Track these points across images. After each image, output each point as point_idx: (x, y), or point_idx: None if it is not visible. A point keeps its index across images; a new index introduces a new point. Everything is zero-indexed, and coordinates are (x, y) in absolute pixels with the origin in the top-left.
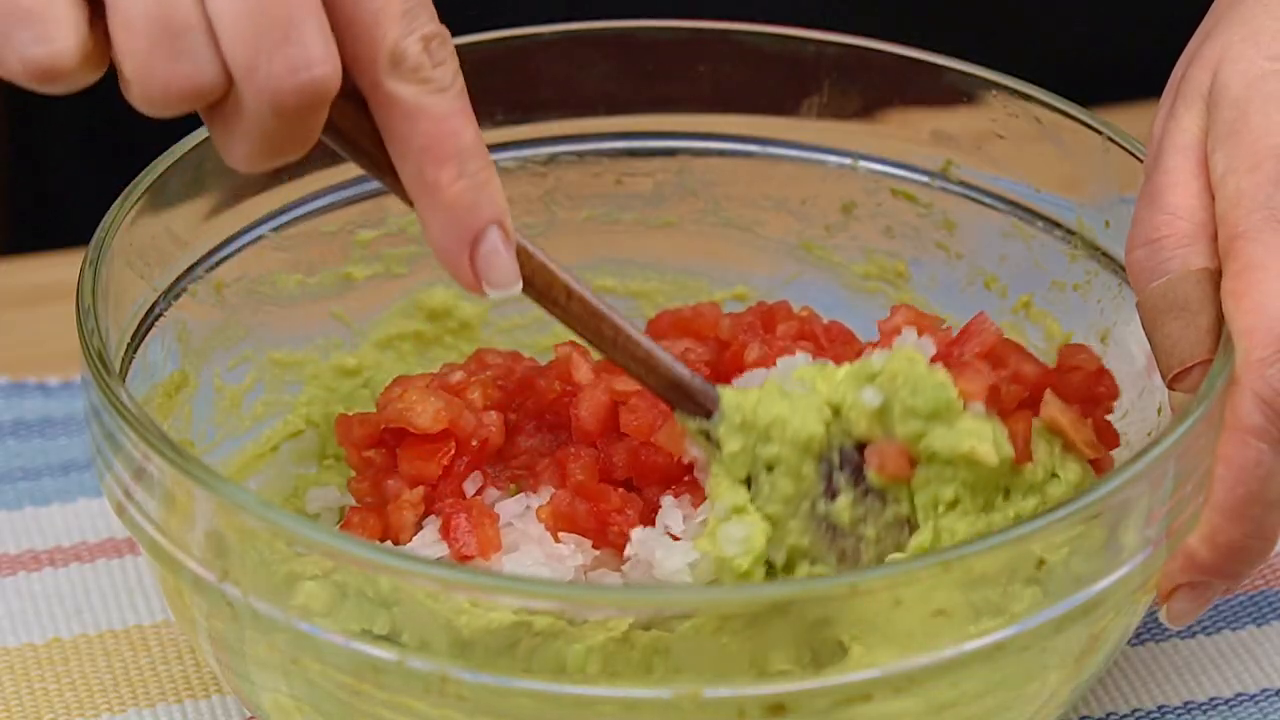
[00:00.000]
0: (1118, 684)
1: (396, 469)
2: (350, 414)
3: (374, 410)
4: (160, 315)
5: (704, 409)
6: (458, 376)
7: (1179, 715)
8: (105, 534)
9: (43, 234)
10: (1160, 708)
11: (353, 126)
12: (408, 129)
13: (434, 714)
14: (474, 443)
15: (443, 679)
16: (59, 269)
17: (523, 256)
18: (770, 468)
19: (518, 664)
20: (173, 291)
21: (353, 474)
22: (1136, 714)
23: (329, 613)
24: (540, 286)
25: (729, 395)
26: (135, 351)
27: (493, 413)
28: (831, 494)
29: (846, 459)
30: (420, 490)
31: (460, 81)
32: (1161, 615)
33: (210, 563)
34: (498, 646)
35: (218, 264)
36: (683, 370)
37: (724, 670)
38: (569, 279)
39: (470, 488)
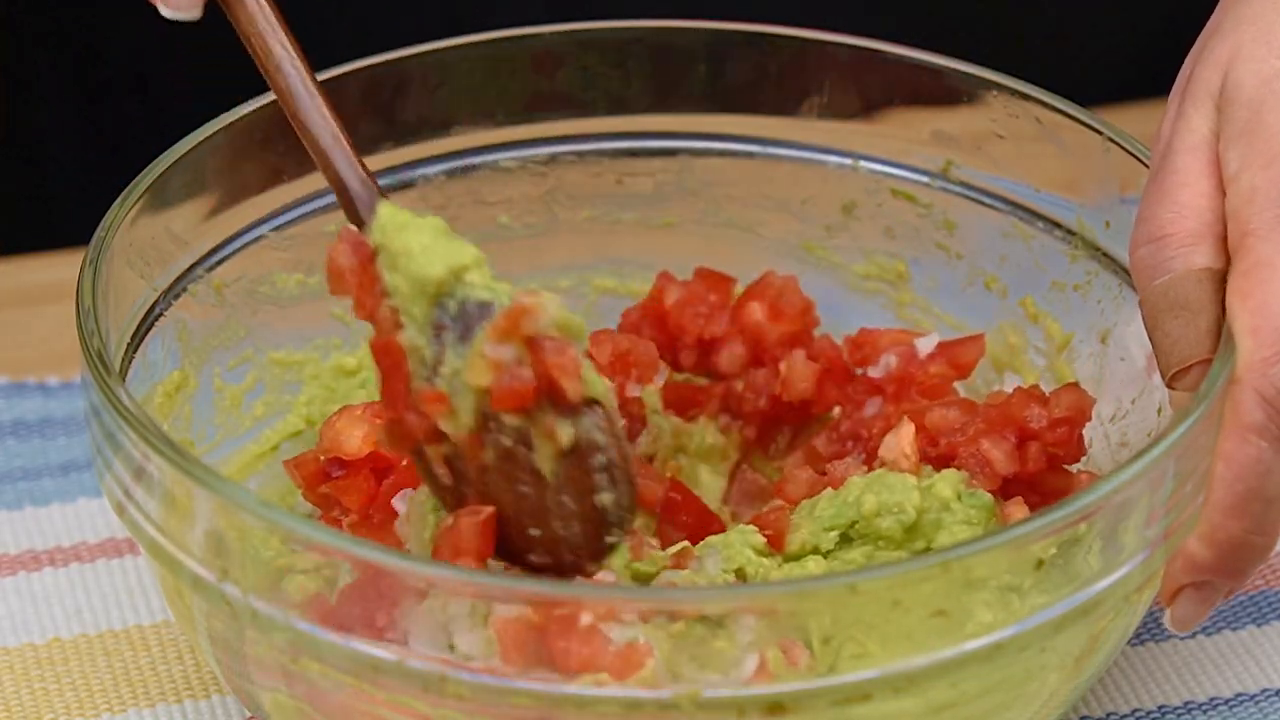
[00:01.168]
0: (1118, 684)
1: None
2: (292, 458)
3: None
4: (160, 315)
5: (357, 217)
6: None
7: (1179, 715)
8: (105, 534)
9: (40, 234)
10: (1160, 708)
11: None
12: None
13: (433, 714)
14: (404, 462)
15: (441, 679)
16: (59, 269)
17: (248, 20)
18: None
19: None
20: (173, 291)
21: None
22: (1136, 714)
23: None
24: (259, 52)
25: (384, 211)
26: (135, 351)
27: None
28: (438, 347)
29: (466, 315)
30: (352, 518)
31: None
32: (1166, 621)
33: (209, 562)
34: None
35: (218, 264)
36: (347, 171)
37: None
38: (287, 51)
39: (400, 505)
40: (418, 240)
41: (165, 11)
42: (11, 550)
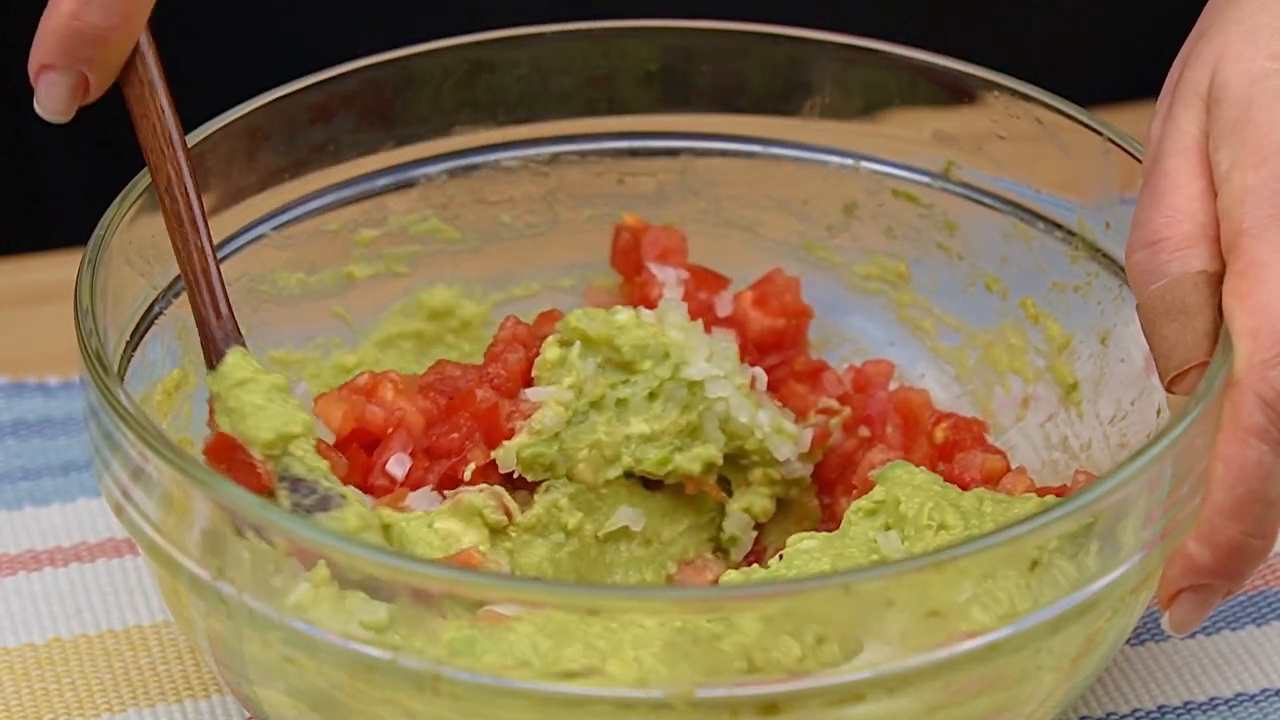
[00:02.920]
0: (1118, 684)
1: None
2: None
3: None
4: (160, 313)
5: (209, 359)
6: (364, 379)
7: (1179, 715)
8: (105, 534)
9: (40, 234)
10: (1160, 708)
11: None
12: None
13: (427, 713)
14: (389, 429)
15: (435, 678)
16: (59, 269)
17: (149, 132)
18: None
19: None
20: (173, 290)
21: None
22: (1136, 714)
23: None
24: (152, 166)
25: (231, 359)
26: (135, 349)
27: (403, 399)
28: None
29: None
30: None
31: None
32: (1164, 624)
33: (206, 561)
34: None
35: (218, 262)
36: (210, 314)
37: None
38: (179, 174)
39: (398, 469)
40: (250, 400)
41: (39, 109)
42: (11, 550)
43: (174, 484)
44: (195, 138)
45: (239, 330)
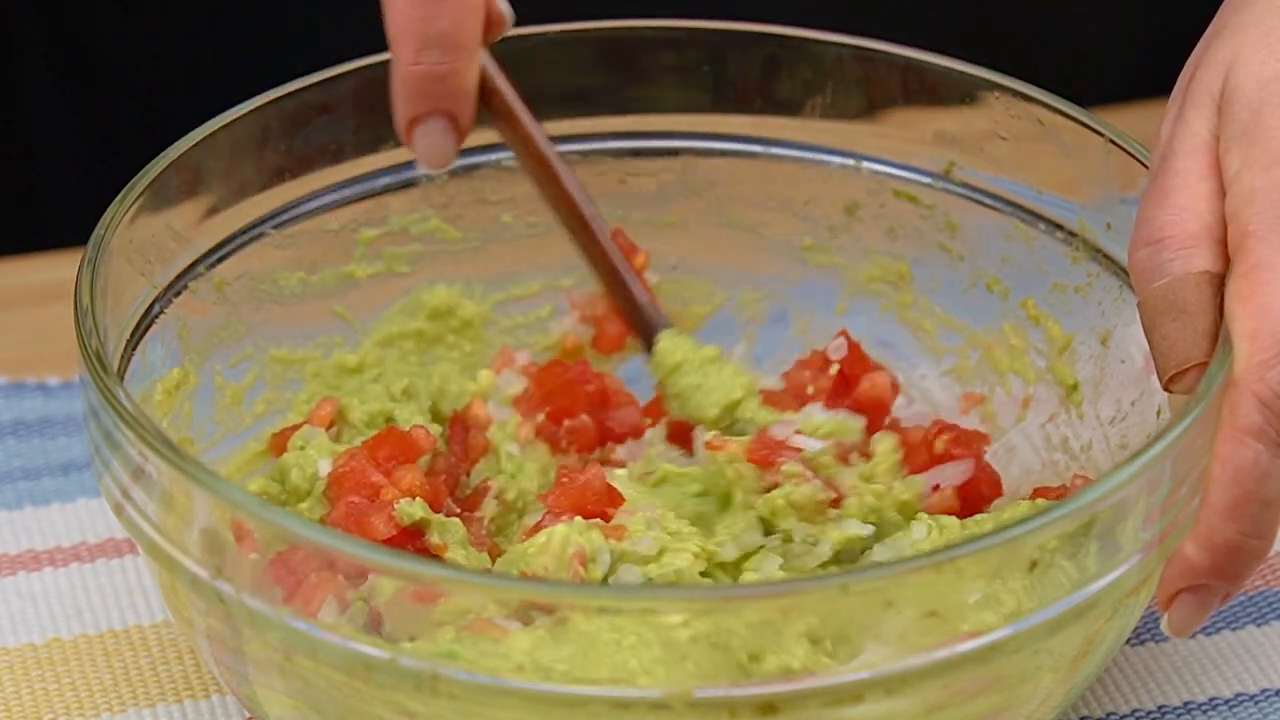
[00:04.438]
0: (1118, 684)
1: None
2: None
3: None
4: (161, 313)
5: (646, 345)
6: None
7: (1179, 715)
8: (105, 534)
9: (40, 234)
10: (1160, 708)
11: None
12: (390, 6)
13: (427, 713)
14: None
15: (434, 678)
16: (59, 269)
17: (536, 161)
18: None
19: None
20: (173, 289)
21: None
22: (1136, 714)
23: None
24: (552, 197)
25: (665, 341)
26: (135, 349)
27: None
28: None
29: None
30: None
31: None
32: (1163, 626)
33: (205, 561)
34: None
35: (219, 261)
36: (641, 295)
37: (714, 669)
38: (566, 190)
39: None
40: (688, 382)
41: (425, 165)
42: (11, 550)
43: (174, 484)
44: (195, 137)
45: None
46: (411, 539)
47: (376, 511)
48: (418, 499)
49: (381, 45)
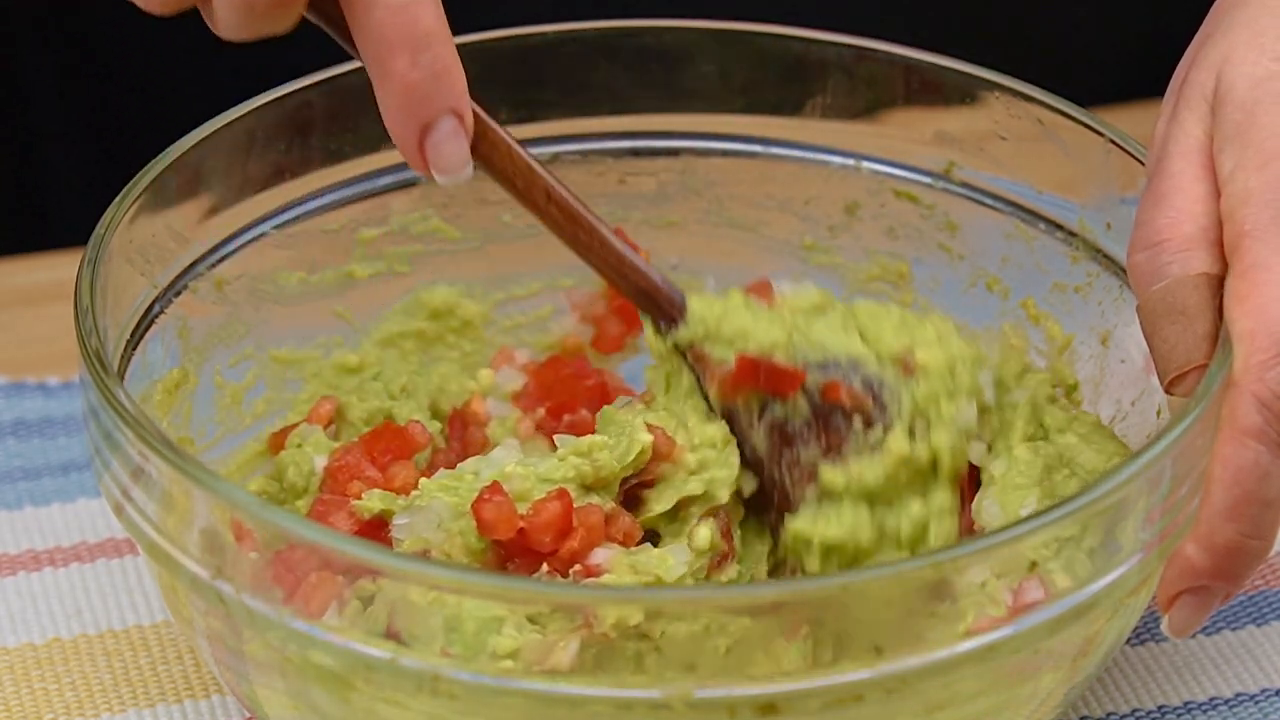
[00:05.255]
0: (1118, 684)
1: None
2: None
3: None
4: (161, 313)
5: (670, 315)
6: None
7: (1179, 715)
8: (105, 534)
9: (40, 234)
10: (1160, 708)
11: (334, 9)
12: (365, 16)
13: (427, 712)
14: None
15: (434, 678)
16: (59, 269)
17: (504, 156)
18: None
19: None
20: (173, 289)
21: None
22: (1136, 714)
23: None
24: (522, 189)
25: (696, 302)
26: (135, 349)
27: None
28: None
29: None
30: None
31: None
32: (1163, 627)
33: (205, 561)
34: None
35: (219, 261)
36: (655, 276)
37: (714, 669)
38: (551, 182)
39: None
40: (741, 319)
41: (441, 177)
42: (11, 550)
43: (174, 484)
44: (195, 136)
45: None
46: (376, 531)
47: (337, 509)
48: (375, 490)
49: None
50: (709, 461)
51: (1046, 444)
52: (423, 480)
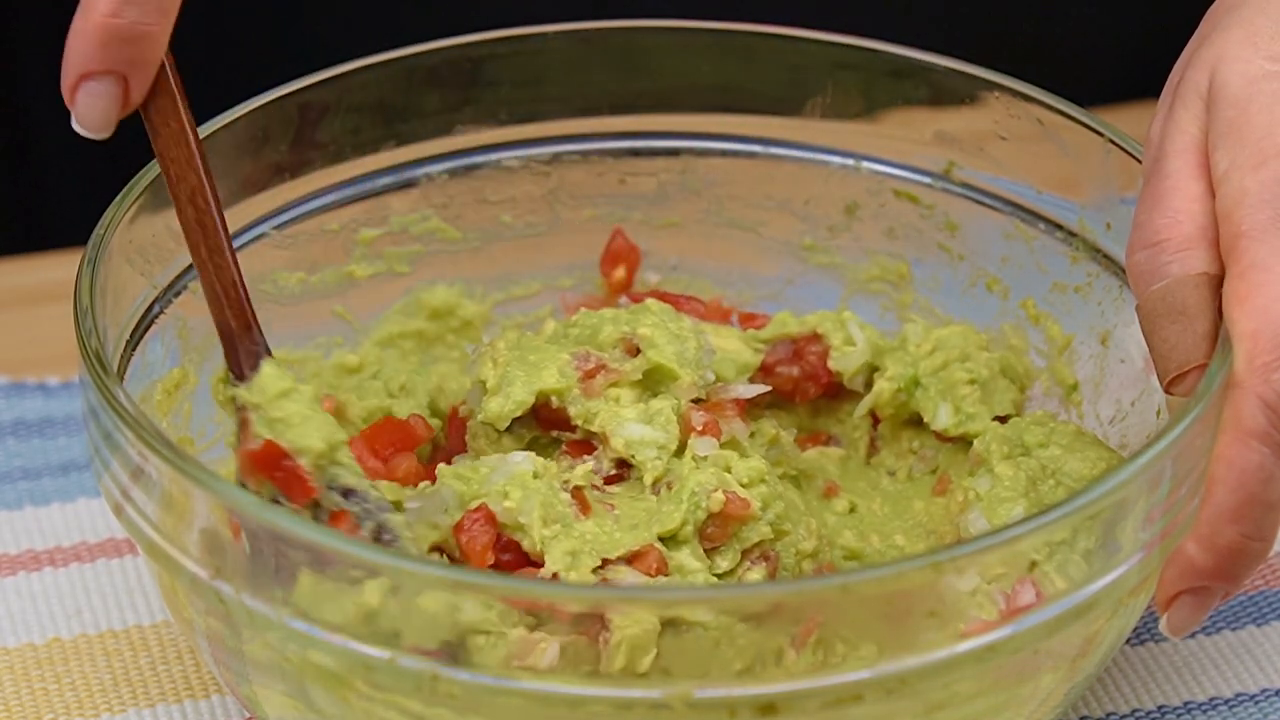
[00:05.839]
0: (1118, 684)
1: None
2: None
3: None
4: (161, 313)
5: (240, 370)
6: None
7: (1179, 715)
8: (105, 534)
9: (40, 234)
10: (1160, 708)
11: None
12: None
13: (426, 713)
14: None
15: (433, 678)
16: (59, 269)
17: (171, 135)
18: None
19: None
20: (173, 289)
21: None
22: (1136, 714)
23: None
24: (173, 177)
25: (269, 371)
26: (135, 349)
27: None
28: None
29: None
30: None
31: None
32: (1162, 626)
33: (205, 561)
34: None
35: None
36: (251, 324)
37: (714, 670)
38: (202, 186)
39: None
40: (297, 410)
41: (79, 126)
42: (11, 550)
43: (173, 484)
44: None
45: (265, 340)
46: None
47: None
48: (383, 482)
49: (383, 45)
50: (768, 499)
51: (1028, 459)
52: (441, 466)
